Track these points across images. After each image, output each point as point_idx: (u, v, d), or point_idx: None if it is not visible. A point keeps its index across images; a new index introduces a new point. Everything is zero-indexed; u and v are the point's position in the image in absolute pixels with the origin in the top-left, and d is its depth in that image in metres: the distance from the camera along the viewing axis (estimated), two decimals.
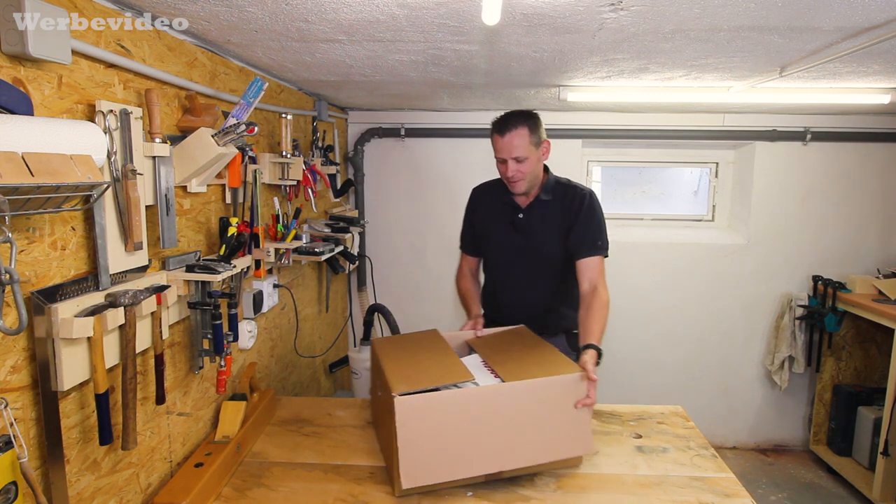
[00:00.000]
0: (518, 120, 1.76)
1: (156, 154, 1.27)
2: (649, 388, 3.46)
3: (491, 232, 1.99)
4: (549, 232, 1.90)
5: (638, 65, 1.86)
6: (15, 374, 0.97)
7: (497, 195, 1.96)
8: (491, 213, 1.99)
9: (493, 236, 1.99)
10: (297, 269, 2.43)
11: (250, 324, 1.82)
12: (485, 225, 2.02)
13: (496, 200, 1.97)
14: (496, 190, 1.97)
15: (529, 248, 1.91)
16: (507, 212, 1.95)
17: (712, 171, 3.48)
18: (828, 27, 1.39)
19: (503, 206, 1.95)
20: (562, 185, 1.93)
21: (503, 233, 1.95)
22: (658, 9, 1.27)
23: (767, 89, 2.25)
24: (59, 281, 1.06)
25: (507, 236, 1.95)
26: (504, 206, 1.95)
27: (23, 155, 0.84)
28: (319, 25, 1.42)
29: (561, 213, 1.89)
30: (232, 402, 1.64)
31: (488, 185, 2.06)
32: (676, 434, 1.68)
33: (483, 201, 2.05)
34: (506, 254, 1.96)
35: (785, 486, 3.07)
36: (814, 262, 3.29)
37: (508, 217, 1.94)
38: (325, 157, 2.61)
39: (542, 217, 1.90)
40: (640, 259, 3.36)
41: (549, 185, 1.90)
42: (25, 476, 0.93)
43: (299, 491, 1.38)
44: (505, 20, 1.36)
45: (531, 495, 1.36)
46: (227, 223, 1.59)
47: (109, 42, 1.18)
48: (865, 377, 3.25)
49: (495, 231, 1.98)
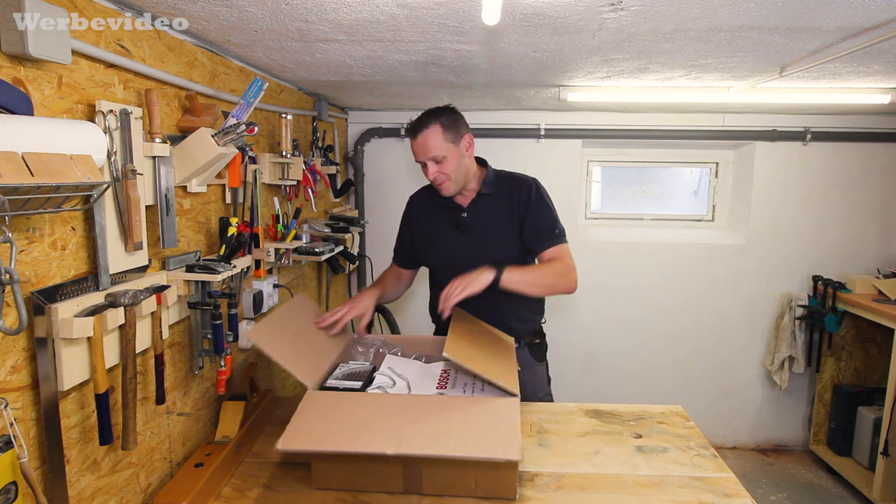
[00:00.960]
0: (429, 119, 1.66)
1: (156, 154, 1.27)
2: (649, 387, 3.47)
3: (433, 238, 1.84)
4: (498, 229, 1.76)
5: (638, 65, 1.86)
6: (15, 374, 0.97)
7: (434, 199, 1.83)
8: (431, 218, 1.85)
9: (436, 242, 1.84)
10: (297, 269, 2.43)
11: (250, 324, 1.81)
12: (425, 233, 1.87)
13: (434, 204, 1.84)
14: (433, 194, 1.82)
15: (478, 249, 1.76)
16: (448, 214, 1.81)
17: (712, 171, 3.48)
18: (828, 27, 1.39)
19: (442, 210, 1.82)
20: (503, 177, 1.81)
21: (447, 237, 1.81)
22: (658, 9, 1.27)
23: (767, 89, 2.25)
24: (59, 281, 1.06)
25: (452, 240, 1.80)
26: (443, 209, 1.81)
27: (23, 155, 0.84)
28: (319, 25, 1.42)
29: (508, 206, 1.76)
30: (232, 402, 1.64)
31: (425, 191, 1.92)
32: (676, 434, 1.68)
33: (421, 208, 1.91)
34: (453, 259, 1.77)
35: (785, 486, 3.07)
36: (814, 262, 3.30)
37: (451, 219, 1.80)
38: (325, 157, 2.61)
39: (488, 213, 1.77)
40: (640, 259, 3.36)
41: (489, 179, 1.78)
42: (25, 476, 0.93)
43: (299, 491, 1.38)
44: (505, 20, 1.36)
45: (531, 495, 1.36)
46: (227, 223, 1.59)
47: (109, 42, 1.18)
48: (865, 377, 3.25)
49: (438, 236, 1.83)
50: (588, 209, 3.53)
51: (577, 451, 1.56)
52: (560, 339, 3.41)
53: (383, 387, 1.54)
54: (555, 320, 3.37)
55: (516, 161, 3.16)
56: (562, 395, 2.14)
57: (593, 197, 3.54)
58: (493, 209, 1.77)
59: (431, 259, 1.90)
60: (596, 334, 3.45)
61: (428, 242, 1.87)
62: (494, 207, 1.77)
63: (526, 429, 1.65)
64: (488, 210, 1.78)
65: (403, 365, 1.69)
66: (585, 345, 3.46)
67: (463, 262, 1.68)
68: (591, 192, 3.52)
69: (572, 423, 1.70)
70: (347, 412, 1.34)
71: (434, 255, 1.87)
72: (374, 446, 1.22)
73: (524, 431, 1.60)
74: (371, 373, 1.62)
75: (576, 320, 3.43)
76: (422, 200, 1.93)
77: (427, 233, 1.87)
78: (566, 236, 1.77)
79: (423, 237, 1.89)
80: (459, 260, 1.72)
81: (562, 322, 3.41)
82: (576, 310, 3.42)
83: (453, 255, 1.79)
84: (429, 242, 1.87)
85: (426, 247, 1.89)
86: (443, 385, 1.55)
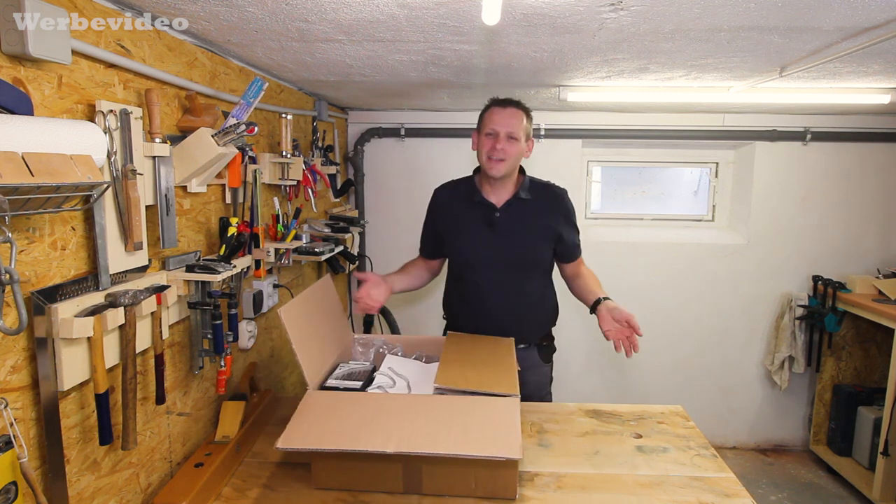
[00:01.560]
0: (519, 104, 1.73)
1: (156, 154, 1.27)
2: (649, 387, 3.46)
3: (463, 233, 1.83)
4: (532, 233, 1.79)
5: (638, 65, 1.86)
6: (15, 374, 0.97)
7: (467, 194, 1.83)
8: (462, 213, 1.84)
9: (465, 237, 1.83)
10: (297, 269, 2.43)
11: (250, 324, 1.81)
12: (455, 226, 1.85)
13: (465, 200, 1.84)
14: (465, 189, 1.84)
15: (508, 250, 1.78)
16: (480, 210, 1.81)
17: (712, 171, 3.48)
18: (828, 27, 1.39)
19: (475, 206, 1.81)
20: (540, 185, 1.85)
21: (478, 233, 1.80)
22: (658, 9, 1.27)
23: (767, 89, 2.25)
24: (59, 281, 1.06)
25: (482, 236, 1.79)
26: (476, 206, 1.81)
27: (23, 155, 0.84)
28: (319, 25, 1.42)
29: (546, 214, 1.80)
30: (232, 402, 1.64)
31: (455, 184, 1.92)
32: (676, 434, 1.68)
33: (450, 201, 1.89)
34: (480, 256, 1.80)
35: (785, 486, 3.07)
36: (814, 262, 3.29)
37: (483, 216, 1.80)
38: (325, 157, 2.61)
39: (523, 216, 1.79)
40: (640, 259, 3.36)
41: (526, 184, 1.81)
42: (25, 476, 0.93)
43: (300, 491, 1.38)
44: (505, 20, 1.36)
45: (531, 495, 1.36)
46: (227, 223, 1.59)
47: (109, 42, 1.18)
48: (865, 377, 3.25)
49: (469, 231, 1.82)
50: (588, 209, 3.53)
51: (577, 451, 1.56)
52: (560, 339, 3.39)
53: (383, 387, 1.54)
54: None
55: None
56: (562, 395, 2.14)
57: (593, 197, 3.54)
58: (529, 214, 1.80)
59: (458, 253, 1.89)
60: (595, 334, 3.42)
61: (457, 236, 1.85)
62: (530, 212, 1.80)
63: (526, 429, 1.65)
64: (523, 213, 1.80)
65: (403, 365, 1.69)
66: (585, 345, 3.46)
67: (491, 260, 1.78)
68: (591, 192, 3.52)
69: (572, 423, 1.71)
70: (347, 412, 1.34)
71: (462, 250, 1.86)
72: (374, 445, 1.22)
73: (524, 431, 1.61)
74: (371, 373, 1.62)
75: (576, 320, 3.43)
76: (450, 194, 1.91)
77: (457, 226, 1.85)
78: None
79: (452, 230, 1.87)
80: (488, 256, 1.78)
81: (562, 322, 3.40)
82: (576, 310, 3.42)
83: (482, 251, 1.81)
84: (458, 236, 1.85)
85: (454, 240, 1.87)
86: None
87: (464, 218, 1.84)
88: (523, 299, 1.82)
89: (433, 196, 1.95)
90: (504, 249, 1.79)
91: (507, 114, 1.69)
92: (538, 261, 1.83)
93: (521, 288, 1.83)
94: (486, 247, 1.79)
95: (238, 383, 1.81)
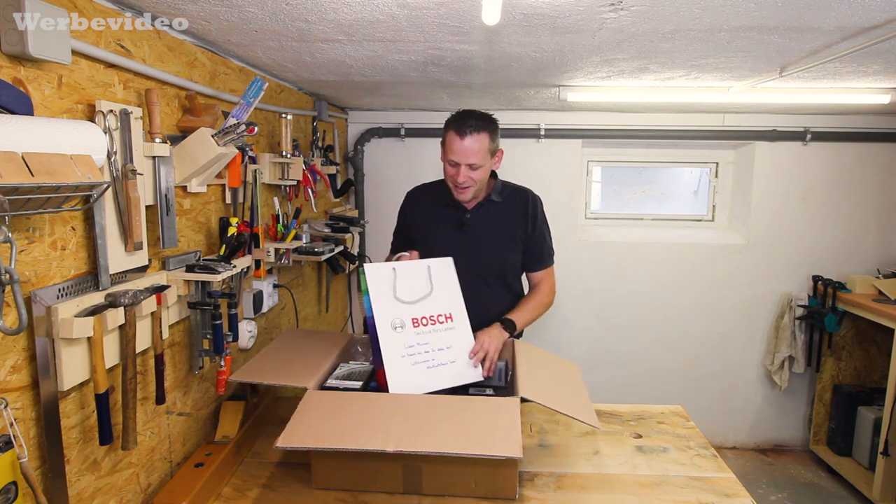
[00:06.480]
0: (480, 124, 1.64)
1: (156, 154, 1.27)
2: (649, 387, 3.47)
3: (433, 234, 1.84)
4: (500, 236, 1.80)
5: (638, 65, 1.86)
6: (15, 374, 0.97)
7: (436, 196, 1.85)
8: (432, 214, 1.86)
9: (436, 238, 1.83)
10: (297, 269, 2.43)
11: (250, 324, 1.81)
12: (424, 227, 1.87)
13: (436, 202, 1.85)
14: (437, 191, 1.85)
15: (477, 250, 1.79)
16: (450, 213, 1.82)
17: (712, 171, 3.48)
18: (828, 27, 1.39)
19: (445, 208, 1.83)
20: (510, 188, 1.85)
21: (448, 234, 1.81)
22: (658, 9, 1.27)
23: (767, 89, 2.25)
24: (59, 281, 1.06)
25: (453, 238, 1.80)
26: (447, 208, 1.82)
27: (23, 155, 0.84)
28: (319, 25, 1.42)
29: (516, 218, 1.81)
30: (232, 402, 1.64)
31: (427, 187, 1.94)
32: (676, 434, 1.68)
33: (421, 203, 1.91)
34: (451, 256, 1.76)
35: (785, 486, 3.07)
36: (814, 262, 3.30)
37: (453, 218, 1.81)
38: (325, 157, 2.61)
39: (492, 219, 1.80)
40: (640, 259, 3.36)
41: (499, 188, 1.82)
42: (25, 476, 0.93)
43: (300, 491, 1.38)
44: (505, 20, 1.36)
45: (531, 495, 1.36)
46: (227, 223, 1.59)
47: (109, 42, 1.18)
48: (865, 377, 3.26)
49: (439, 232, 1.83)
50: (588, 209, 3.53)
51: (577, 451, 1.56)
52: (560, 339, 3.41)
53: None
54: (555, 320, 3.37)
55: (516, 161, 3.16)
56: None
57: (593, 197, 3.54)
58: (499, 217, 1.81)
59: (428, 252, 1.86)
60: (596, 334, 3.45)
61: (427, 237, 1.86)
62: (500, 215, 1.81)
63: (526, 429, 1.66)
64: (493, 216, 1.81)
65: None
66: (585, 345, 3.46)
67: (460, 260, 1.72)
68: (591, 192, 3.52)
69: (572, 423, 1.71)
70: (347, 411, 1.34)
71: (432, 251, 1.84)
72: (374, 444, 1.22)
73: (524, 431, 1.61)
74: (371, 373, 1.62)
75: (576, 320, 3.44)
76: (422, 196, 1.94)
77: (427, 228, 1.88)
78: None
79: (423, 232, 1.88)
80: (457, 257, 1.73)
81: (562, 322, 3.41)
82: (576, 310, 3.42)
83: (451, 253, 1.77)
84: (428, 237, 1.86)
85: (425, 241, 1.86)
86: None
87: (434, 219, 1.86)
88: (491, 300, 1.82)
89: (406, 197, 1.98)
90: (473, 250, 1.79)
91: (465, 145, 1.63)
92: (506, 262, 1.83)
93: (489, 288, 1.83)
94: (456, 247, 1.78)
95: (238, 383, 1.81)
